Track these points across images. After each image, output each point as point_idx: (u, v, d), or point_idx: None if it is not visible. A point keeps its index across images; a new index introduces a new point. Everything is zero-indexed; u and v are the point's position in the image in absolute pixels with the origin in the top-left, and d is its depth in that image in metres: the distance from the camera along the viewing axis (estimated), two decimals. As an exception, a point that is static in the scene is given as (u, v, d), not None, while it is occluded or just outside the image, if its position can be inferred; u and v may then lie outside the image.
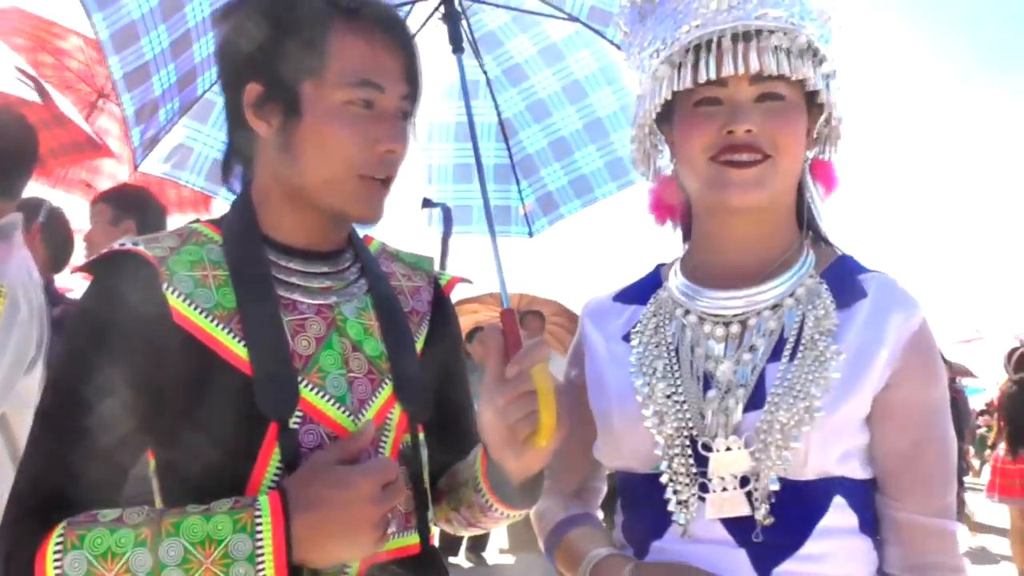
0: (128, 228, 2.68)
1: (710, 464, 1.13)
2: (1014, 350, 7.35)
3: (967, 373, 14.55)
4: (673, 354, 1.21)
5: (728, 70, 1.13)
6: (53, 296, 2.54)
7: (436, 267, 1.39)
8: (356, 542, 1.03)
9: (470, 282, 1.44)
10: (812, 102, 1.20)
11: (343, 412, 1.14)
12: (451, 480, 1.30)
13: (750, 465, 1.11)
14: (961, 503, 8.59)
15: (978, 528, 9.03)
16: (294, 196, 1.18)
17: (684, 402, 1.16)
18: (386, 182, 1.19)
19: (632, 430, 1.19)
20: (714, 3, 1.15)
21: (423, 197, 2.82)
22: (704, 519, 1.13)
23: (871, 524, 1.16)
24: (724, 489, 1.12)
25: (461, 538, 7.05)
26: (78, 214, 3.26)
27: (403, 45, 1.20)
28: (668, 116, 1.24)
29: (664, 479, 1.16)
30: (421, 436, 1.23)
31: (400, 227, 2.75)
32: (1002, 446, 7.26)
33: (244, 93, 1.16)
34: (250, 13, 1.17)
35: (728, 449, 1.12)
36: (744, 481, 1.12)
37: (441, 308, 1.34)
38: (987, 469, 8.40)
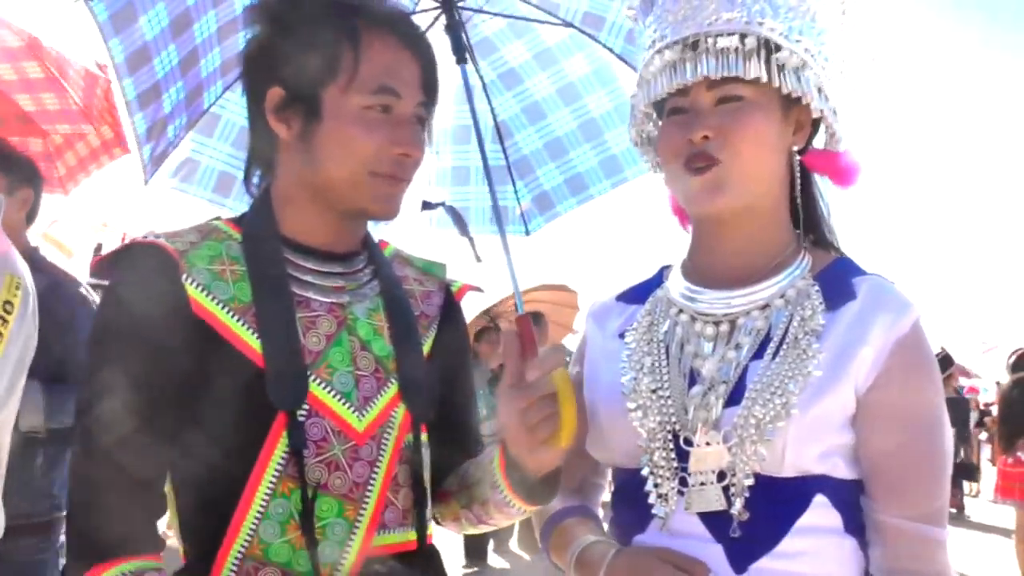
0: (26, 197, 2.46)
1: (690, 458, 1.15)
2: (1016, 351, 7.34)
3: (964, 373, 14.50)
4: (663, 351, 1.23)
5: (681, 79, 1.16)
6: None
7: (447, 274, 1.43)
8: None
9: (481, 290, 1.48)
10: (791, 97, 1.19)
11: (348, 408, 1.19)
12: (462, 479, 1.33)
13: (727, 460, 1.13)
14: (960, 506, 8.21)
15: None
16: (313, 197, 1.23)
17: (668, 397, 1.19)
18: (402, 181, 1.23)
19: (617, 424, 1.22)
20: (681, 12, 1.19)
21: (422, 200, 2.86)
22: (683, 513, 1.15)
23: (859, 525, 1.16)
24: (702, 484, 1.14)
25: (486, 542, 7.09)
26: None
27: (421, 55, 1.25)
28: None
29: (645, 472, 1.18)
30: (424, 437, 1.27)
31: (410, 230, 2.81)
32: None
33: (266, 97, 1.21)
34: (274, 20, 1.23)
35: (707, 444, 1.14)
36: (721, 476, 1.14)
37: (450, 313, 1.38)
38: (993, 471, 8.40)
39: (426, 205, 1.77)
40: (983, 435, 12.88)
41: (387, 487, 1.21)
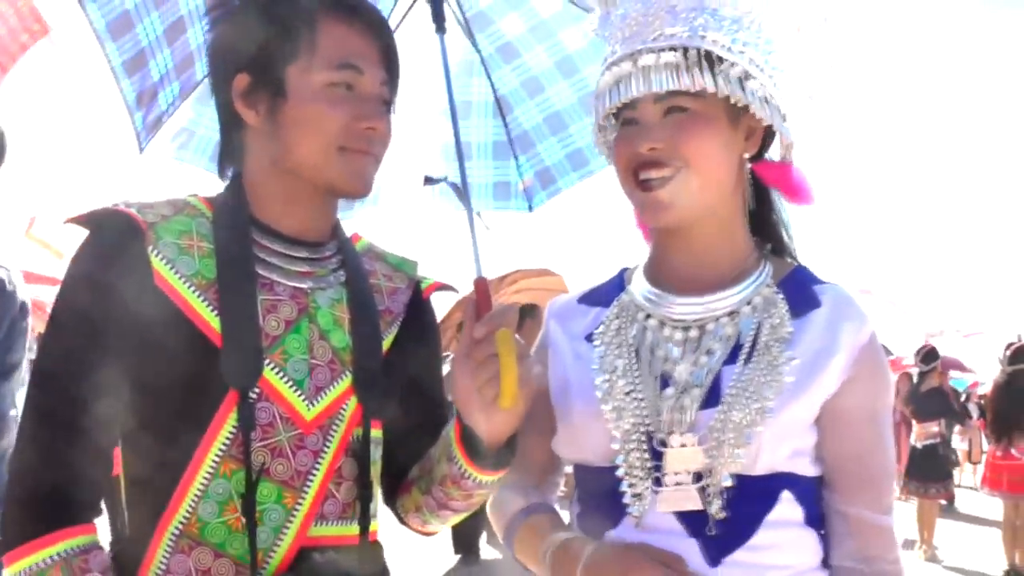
0: None
1: (665, 460, 1.18)
2: (1011, 344, 7.48)
3: (959, 367, 14.54)
4: (633, 355, 1.26)
5: (628, 94, 1.20)
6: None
7: (419, 271, 1.43)
8: None
9: (454, 289, 1.48)
10: (739, 107, 1.22)
11: (299, 395, 1.20)
12: (423, 465, 1.34)
13: (704, 462, 1.16)
14: (951, 496, 8.60)
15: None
16: (283, 181, 1.24)
17: (642, 399, 1.21)
18: (369, 155, 1.25)
19: (591, 424, 1.25)
20: (629, 29, 1.24)
21: (424, 175, 2.88)
22: (657, 511, 1.18)
23: (817, 518, 1.23)
24: (678, 484, 1.17)
25: (478, 534, 7.10)
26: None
27: (381, 34, 1.27)
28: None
29: (620, 472, 1.21)
30: (377, 433, 1.28)
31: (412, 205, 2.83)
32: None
33: (232, 85, 1.23)
34: (236, 8, 1.25)
35: (683, 446, 1.18)
36: (698, 477, 1.17)
37: (417, 311, 1.39)
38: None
39: (428, 180, 1.79)
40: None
41: (329, 478, 1.21)
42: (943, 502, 8.97)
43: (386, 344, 1.31)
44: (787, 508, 1.19)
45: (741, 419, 1.15)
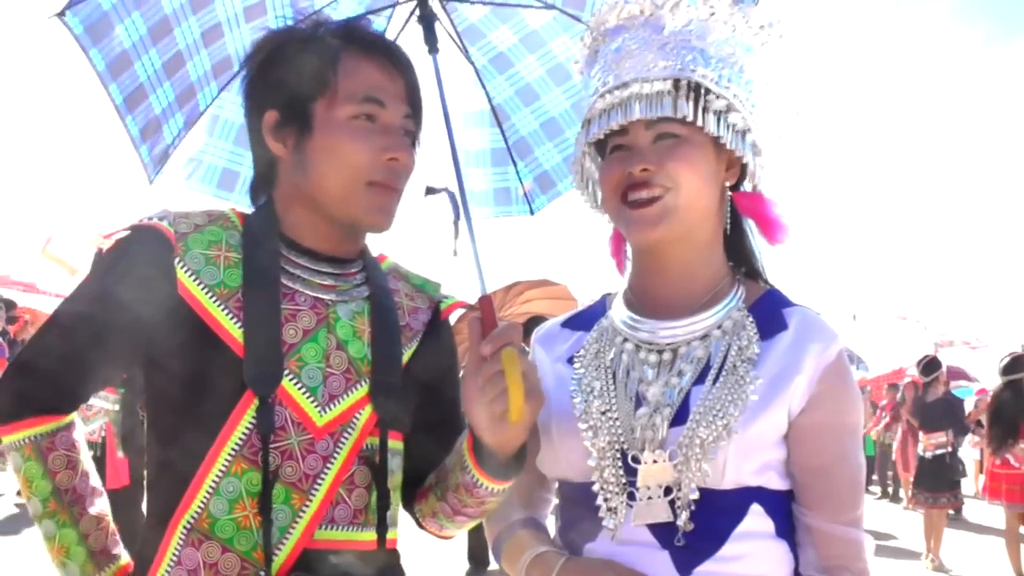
0: None
1: (638, 475, 1.25)
2: (1008, 354, 7.52)
3: (964, 376, 14.62)
4: (610, 376, 1.33)
5: (622, 118, 1.27)
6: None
7: (442, 292, 1.50)
8: None
9: (472, 307, 1.52)
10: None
11: (311, 402, 1.26)
12: (439, 473, 1.39)
13: (673, 476, 1.23)
14: (959, 507, 8.51)
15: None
16: (311, 208, 1.31)
17: (617, 419, 1.28)
18: (394, 191, 1.31)
19: (569, 443, 1.31)
20: (623, 62, 1.31)
21: (425, 186, 2.93)
22: (631, 524, 1.25)
23: (788, 529, 1.28)
24: (649, 498, 1.24)
25: (487, 551, 7.14)
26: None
27: (404, 73, 1.35)
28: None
29: (596, 488, 1.27)
30: (397, 444, 1.34)
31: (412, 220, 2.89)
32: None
33: (263, 121, 1.31)
34: (267, 51, 1.34)
35: (654, 462, 1.24)
36: (668, 491, 1.23)
37: (435, 330, 1.45)
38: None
39: (429, 190, 1.83)
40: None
41: (339, 483, 1.26)
42: (951, 511, 8.98)
43: (405, 358, 1.37)
44: (756, 520, 1.24)
45: (707, 435, 1.21)
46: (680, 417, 1.25)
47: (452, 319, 1.56)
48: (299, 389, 1.25)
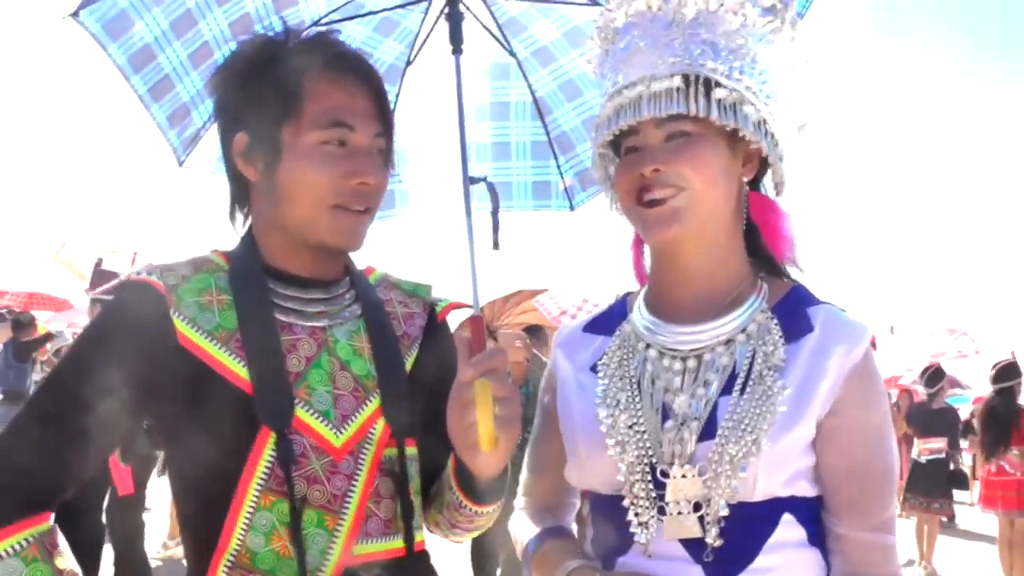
0: None
1: (667, 489, 1.22)
2: (998, 363, 7.55)
3: (956, 384, 14.61)
4: (635, 387, 1.30)
5: (630, 118, 1.24)
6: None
7: (434, 293, 1.49)
8: None
9: (471, 307, 1.53)
10: (738, 135, 1.26)
11: (326, 425, 1.26)
12: (437, 486, 1.41)
13: (702, 492, 1.20)
14: (952, 515, 8.33)
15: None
16: (285, 232, 1.30)
17: (644, 432, 1.25)
18: (364, 212, 1.30)
19: (597, 457, 1.29)
20: (631, 60, 1.28)
21: (467, 175, 2.89)
22: (663, 539, 1.22)
23: (820, 536, 1.25)
24: (679, 513, 1.21)
25: (496, 560, 7.14)
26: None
27: (372, 88, 1.32)
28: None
29: (626, 503, 1.25)
30: (412, 450, 1.34)
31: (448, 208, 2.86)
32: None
33: (234, 143, 1.30)
34: (236, 70, 1.32)
35: (683, 477, 1.21)
36: (697, 506, 1.21)
37: (433, 333, 1.45)
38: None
39: (472, 180, 1.81)
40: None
41: (366, 498, 1.27)
42: (943, 519, 8.98)
43: (408, 365, 1.38)
44: (788, 530, 1.22)
45: (736, 452, 1.18)
46: (708, 431, 1.23)
47: (453, 319, 1.55)
48: (312, 415, 1.26)
